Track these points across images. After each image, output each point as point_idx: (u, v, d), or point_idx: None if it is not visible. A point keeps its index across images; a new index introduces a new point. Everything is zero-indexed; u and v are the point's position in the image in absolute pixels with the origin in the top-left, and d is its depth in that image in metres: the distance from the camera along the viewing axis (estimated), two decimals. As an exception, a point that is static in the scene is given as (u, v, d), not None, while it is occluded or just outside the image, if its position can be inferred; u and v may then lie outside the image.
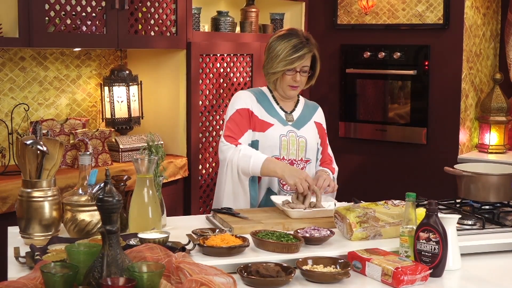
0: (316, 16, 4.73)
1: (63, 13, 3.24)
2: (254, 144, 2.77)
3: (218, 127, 4.04)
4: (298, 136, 2.81)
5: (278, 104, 2.85)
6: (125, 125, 3.85)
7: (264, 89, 2.90)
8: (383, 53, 4.43)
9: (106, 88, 3.83)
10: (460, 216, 2.18)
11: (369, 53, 4.50)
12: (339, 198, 2.98)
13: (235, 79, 4.12)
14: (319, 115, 2.96)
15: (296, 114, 2.86)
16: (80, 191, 2.25)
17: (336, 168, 2.97)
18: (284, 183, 2.74)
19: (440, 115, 4.28)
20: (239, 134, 2.74)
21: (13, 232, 2.29)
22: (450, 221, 2.07)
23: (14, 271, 1.92)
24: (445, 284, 1.98)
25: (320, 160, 2.93)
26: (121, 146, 3.66)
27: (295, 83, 2.77)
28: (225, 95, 4.06)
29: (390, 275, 1.90)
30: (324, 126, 2.97)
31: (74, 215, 2.21)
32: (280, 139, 2.77)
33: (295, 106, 2.89)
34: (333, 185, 2.73)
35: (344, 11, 4.59)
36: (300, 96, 2.96)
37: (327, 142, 2.98)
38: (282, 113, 2.84)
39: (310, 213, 2.47)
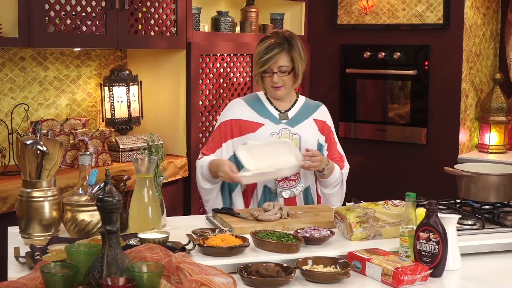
0: (316, 16, 4.73)
1: (63, 13, 3.24)
2: None
3: (218, 127, 4.04)
4: (292, 133, 2.83)
5: (272, 104, 2.89)
6: (125, 125, 3.85)
7: (260, 92, 2.95)
8: (383, 53, 4.43)
9: (106, 88, 3.83)
10: (460, 216, 2.18)
11: (369, 53, 4.50)
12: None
13: (235, 79, 4.12)
14: (321, 113, 2.95)
15: (292, 113, 2.88)
16: (80, 191, 2.25)
17: (346, 166, 2.95)
18: (278, 180, 2.78)
19: (440, 115, 4.28)
20: (210, 151, 2.84)
21: (13, 232, 2.29)
22: (450, 221, 2.07)
23: (14, 271, 1.92)
24: (445, 284, 1.98)
25: (327, 157, 2.90)
26: (121, 146, 3.67)
27: (274, 83, 2.80)
28: (225, 95, 4.07)
29: (390, 275, 1.90)
30: (329, 124, 2.96)
31: (74, 215, 2.21)
32: (271, 137, 2.81)
33: (292, 105, 2.91)
34: (317, 162, 2.71)
35: (344, 11, 4.59)
36: (300, 96, 2.97)
37: (336, 140, 2.96)
38: (276, 113, 2.87)
39: (262, 175, 2.61)
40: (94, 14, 3.37)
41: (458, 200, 2.73)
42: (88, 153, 2.30)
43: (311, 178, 2.86)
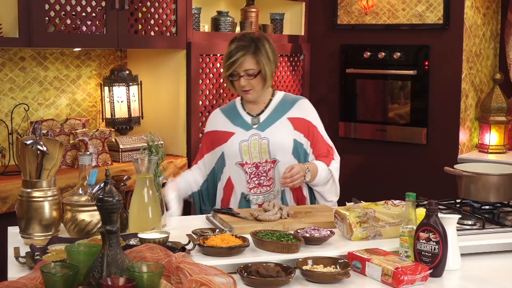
0: (316, 16, 4.73)
1: (63, 13, 3.24)
2: (222, 157, 2.85)
3: (218, 127, 4.04)
4: (261, 139, 2.80)
5: (245, 110, 2.89)
6: (125, 125, 3.85)
7: (238, 98, 2.95)
8: (383, 53, 4.43)
9: (106, 88, 3.83)
10: (460, 216, 2.18)
11: (369, 53, 4.50)
12: (339, 198, 2.98)
13: (235, 79, 4.12)
14: (298, 110, 2.87)
15: (263, 116, 2.86)
16: (80, 191, 2.25)
17: (336, 159, 2.88)
18: (250, 187, 2.80)
19: (440, 115, 4.28)
20: (195, 163, 2.97)
21: (13, 232, 2.29)
22: (450, 221, 2.07)
23: (14, 271, 1.92)
24: (445, 284, 1.98)
25: (313, 154, 2.86)
26: (121, 146, 3.67)
27: (242, 87, 2.78)
28: (225, 95, 4.06)
29: (390, 275, 1.90)
30: (310, 118, 2.88)
31: (74, 215, 2.21)
32: (240, 145, 2.80)
33: (265, 107, 2.88)
34: (290, 180, 2.68)
35: (344, 11, 4.59)
36: (278, 93, 2.92)
37: (321, 133, 2.89)
38: (248, 118, 2.86)
39: None
40: (94, 14, 3.37)
41: (458, 200, 2.73)
42: (88, 153, 2.30)
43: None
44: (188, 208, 3.90)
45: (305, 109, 2.90)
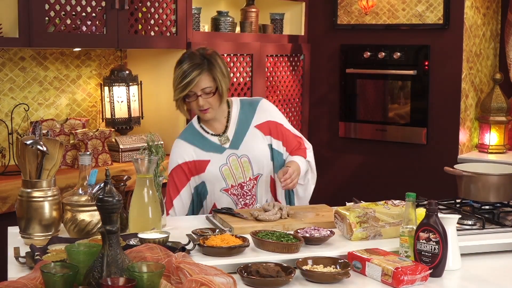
0: (316, 16, 4.73)
1: (63, 13, 3.24)
2: (203, 187, 2.74)
3: (218, 127, 4.04)
4: (239, 157, 2.73)
5: (208, 132, 2.76)
6: (125, 125, 3.85)
7: (194, 121, 2.81)
8: (383, 53, 4.44)
9: (106, 88, 3.83)
10: (460, 216, 2.18)
11: (369, 53, 4.50)
12: (338, 198, 2.99)
13: (235, 79, 4.12)
14: (260, 114, 2.80)
15: (230, 133, 2.75)
16: (80, 191, 2.25)
17: (309, 147, 2.82)
18: (236, 209, 2.71)
19: (440, 115, 4.28)
20: (169, 204, 2.73)
21: (13, 232, 2.29)
22: (450, 221, 2.07)
23: (14, 271, 1.92)
24: (445, 284, 1.98)
25: (287, 151, 2.80)
26: (121, 146, 3.67)
27: (201, 107, 2.66)
28: (225, 95, 4.06)
29: (390, 275, 1.90)
30: (273, 118, 2.81)
31: (74, 215, 2.21)
32: (221, 171, 2.71)
33: (227, 122, 2.77)
34: (290, 181, 2.63)
35: (344, 11, 4.59)
36: (234, 101, 2.82)
37: (288, 127, 2.82)
38: (215, 139, 2.75)
39: None
40: (94, 14, 3.37)
41: (458, 200, 2.72)
42: (88, 153, 2.30)
43: (265, 192, 2.78)
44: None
45: (267, 111, 2.83)
